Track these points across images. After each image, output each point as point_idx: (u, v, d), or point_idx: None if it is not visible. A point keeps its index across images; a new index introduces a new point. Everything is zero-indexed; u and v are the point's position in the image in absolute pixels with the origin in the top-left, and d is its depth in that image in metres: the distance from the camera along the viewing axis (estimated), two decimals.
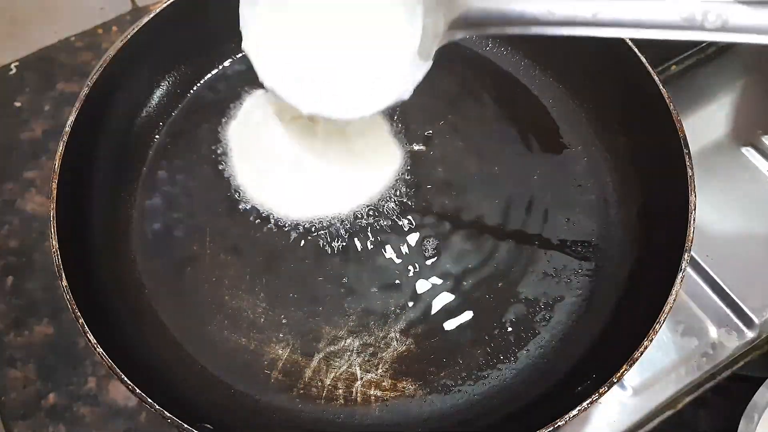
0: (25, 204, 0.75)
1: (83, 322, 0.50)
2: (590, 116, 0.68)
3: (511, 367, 0.58)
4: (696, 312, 0.66)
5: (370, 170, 0.66)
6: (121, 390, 0.65)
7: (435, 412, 0.56)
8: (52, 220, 0.54)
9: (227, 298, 0.60)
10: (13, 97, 0.82)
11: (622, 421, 0.62)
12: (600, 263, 0.62)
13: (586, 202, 0.65)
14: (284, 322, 0.59)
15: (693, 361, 0.64)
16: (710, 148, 0.74)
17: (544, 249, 0.62)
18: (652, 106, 0.60)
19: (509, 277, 0.61)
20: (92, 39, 0.86)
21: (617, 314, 0.58)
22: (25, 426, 0.65)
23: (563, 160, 0.67)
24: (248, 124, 0.68)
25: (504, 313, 0.60)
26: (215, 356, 0.58)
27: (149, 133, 0.68)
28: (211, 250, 0.63)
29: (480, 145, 0.68)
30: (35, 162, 0.78)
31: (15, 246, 0.73)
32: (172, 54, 0.69)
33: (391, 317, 0.60)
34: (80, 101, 0.59)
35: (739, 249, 0.68)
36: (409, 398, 0.57)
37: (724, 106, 0.77)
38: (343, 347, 0.59)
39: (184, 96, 0.70)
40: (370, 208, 0.64)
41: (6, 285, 0.71)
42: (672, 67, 0.74)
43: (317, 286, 0.61)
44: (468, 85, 0.71)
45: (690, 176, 0.56)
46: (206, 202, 0.65)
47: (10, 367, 0.67)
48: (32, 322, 0.69)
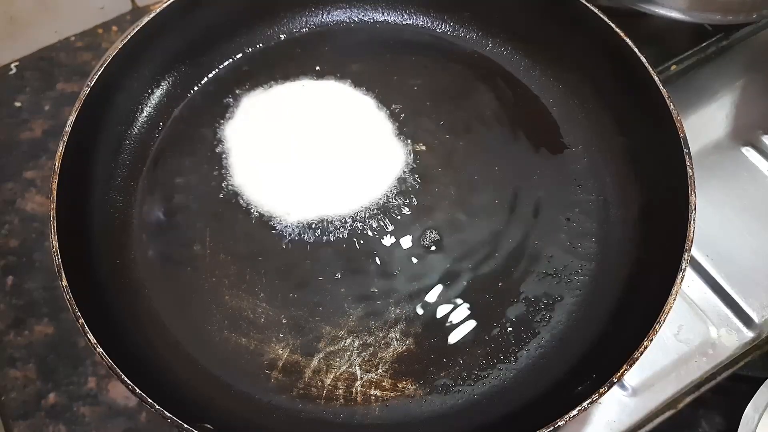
0: (25, 204, 0.75)
1: (83, 322, 0.50)
2: (590, 116, 0.68)
3: (511, 367, 0.58)
4: (696, 312, 0.66)
5: (371, 170, 0.66)
6: (121, 390, 0.65)
7: (435, 412, 0.56)
8: (52, 220, 0.54)
9: (227, 298, 0.60)
10: (13, 97, 0.82)
11: (622, 421, 0.62)
12: (600, 263, 0.62)
13: (586, 202, 0.65)
14: (284, 322, 0.59)
15: (693, 361, 0.64)
16: (710, 148, 0.74)
17: (544, 249, 0.62)
18: (652, 106, 0.60)
19: (509, 277, 0.61)
20: (92, 39, 0.86)
21: (617, 314, 0.58)
22: (25, 426, 0.65)
23: (563, 160, 0.67)
24: (248, 124, 0.68)
25: (504, 313, 0.60)
26: (215, 356, 0.58)
27: (149, 133, 0.68)
28: (211, 250, 0.63)
29: (480, 145, 0.68)
30: (35, 162, 0.78)
31: (15, 246, 0.73)
32: (172, 54, 0.68)
33: (391, 317, 0.60)
34: (80, 101, 0.59)
35: (739, 249, 0.68)
36: (409, 398, 0.57)
37: (724, 106, 0.77)
38: (343, 347, 0.59)
39: (184, 96, 0.70)
40: (371, 208, 0.64)
41: (6, 285, 0.71)
42: (672, 67, 0.74)
43: (317, 286, 0.61)
44: (468, 85, 0.71)
45: (690, 176, 0.56)
46: (206, 202, 0.65)
47: (10, 367, 0.67)
48: (32, 322, 0.69)
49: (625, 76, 0.63)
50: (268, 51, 0.72)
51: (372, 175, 0.66)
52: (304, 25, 0.74)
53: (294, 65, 0.71)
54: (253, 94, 0.70)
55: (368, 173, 0.66)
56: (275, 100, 0.69)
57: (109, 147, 0.65)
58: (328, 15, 0.75)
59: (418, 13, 0.74)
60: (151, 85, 0.68)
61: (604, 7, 0.65)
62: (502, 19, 0.72)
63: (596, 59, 0.66)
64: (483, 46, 0.73)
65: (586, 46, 0.66)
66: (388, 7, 0.74)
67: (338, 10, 0.75)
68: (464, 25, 0.73)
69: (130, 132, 0.67)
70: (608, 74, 0.65)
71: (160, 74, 0.69)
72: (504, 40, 0.72)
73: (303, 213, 0.64)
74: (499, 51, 0.73)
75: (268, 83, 0.70)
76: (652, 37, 0.77)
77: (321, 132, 0.68)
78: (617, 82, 0.65)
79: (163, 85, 0.69)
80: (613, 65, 0.64)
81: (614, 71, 0.64)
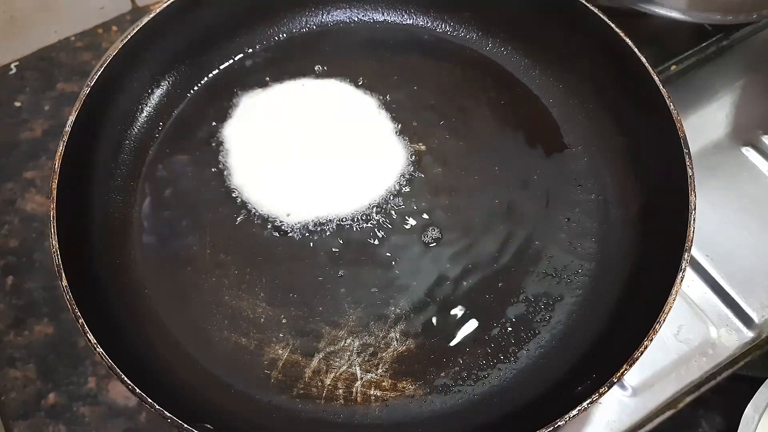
0: (25, 204, 0.75)
1: (83, 322, 0.50)
2: (590, 116, 0.68)
3: (511, 367, 0.58)
4: (696, 312, 0.66)
5: (371, 170, 0.66)
6: (121, 390, 0.65)
7: (435, 412, 0.56)
8: (52, 220, 0.54)
9: (227, 298, 0.60)
10: (13, 97, 0.82)
11: (622, 421, 0.62)
12: (600, 263, 0.62)
13: (586, 202, 0.65)
14: (284, 322, 0.59)
15: (693, 361, 0.64)
16: (710, 148, 0.74)
17: (544, 249, 0.62)
18: (652, 106, 0.60)
19: (509, 277, 0.61)
20: (92, 39, 0.86)
21: (617, 314, 0.58)
22: (25, 426, 0.65)
23: (563, 160, 0.67)
24: (248, 123, 0.68)
25: (504, 313, 0.60)
26: (215, 356, 0.58)
27: (149, 133, 0.68)
28: (211, 250, 0.63)
29: (480, 145, 0.68)
30: (35, 162, 0.78)
31: (15, 246, 0.73)
32: (172, 54, 0.69)
33: (391, 317, 0.60)
34: (80, 101, 0.59)
35: (739, 249, 0.68)
36: (409, 398, 0.57)
37: (724, 106, 0.77)
38: (343, 347, 0.59)
39: (184, 96, 0.70)
40: (371, 208, 0.64)
41: (6, 285, 0.71)
42: (672, 67, 0.74)
43: (317, 286, 0.61)
44: (468, 85, 0.71)
45: (690, 176, 0.56)
46: (206, 202, 0.65)
47: (10, 367, 0.67)
48: (32, 322, 0.69)
49: (625, 76, 0.63)
50: (268, 51, 0.72)
51: (372, 175, 0.66)
52: (304, 25, 0.74)
53: (294, 65, 0.71)
54: (253, 93, 0.70)
55: (368, 173, 0.66)
56: (275, 100, 0.69)
57: (109, 147, 0.65)
58: (328, 15, 0.75)
59: (418, 13, 0.74)
60: (151, 85, 0.69)
61: (604, 7, 0.65)
62: (502, 19, 0.72)
63: (596, 59, 0.66)
64: (483, 46, 0.73)
65: (586, 46, 0.66)
66: (388, 7, 0.74)
67: (338, 10, 0.75)
68: (464, 25, 0.73)
69: (130, 132, 0.67)
70: (608, 74, 0.65)
71: (160, 74, 0.69)
72: (504, 40, 0.72)
73: (303, 213, 0.64)
74: (499, 51, 0.73)
75: (268, 83, 0.70)
76: (652, 37, 0.77)
77: (321, 132, 0.68)
78: (617, 82, 0.65)
79: (163, 85, 0.69)
80: (613, 65, 0.64)
81: (614, 71, 0.64)
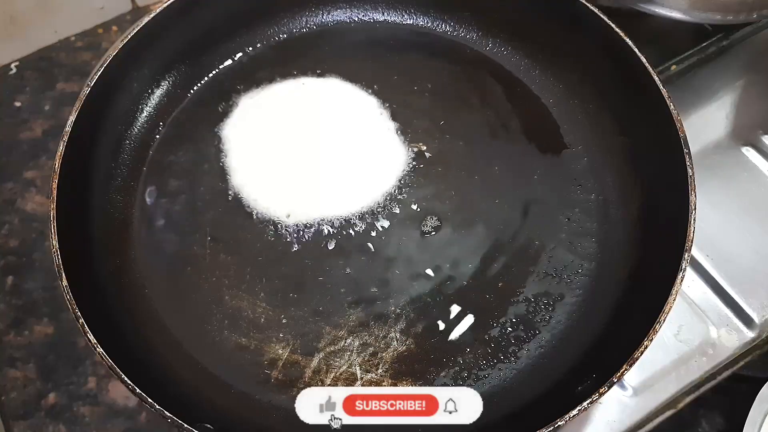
0: (25, 204, 0.75)
1: (83, 322, 0.50)
2: (590, 116, 0.68)
3: (511, 367, 0.58)
4: (696, 312, 0.66)
5: (371, 170, 0.66)
6: (121, 390, 0.65)
7: None
8: (52, 220, 0.54)
9: (227, 298, 0.60)
10: (13, 97, 0.82)
11: (622, 421, 0.62)
12: (600, 263, 0.62)
13: (586, 202, 0.65)
14: (284, 322, 0.59)
15: (693, 361, 0.64)
16: (710, 148, 0.74)
17: (544, 249, 0.62)
18: (652, 106, 0.60)
19: (509, 277, 0.61)
20: (92, 39, 0.86)
21: (617, 314, 0.58)
22: (25, 426, 0.65)
23: (563, 160, 0.67)
24: (248, 123, 0.68)
25: (504, 313, 0.60)
26: (215, 356, 0.58)
27: (149, 133, 0.68)
28: (211, 250, 0.62)
29: (480, 145, 0.68)
30: (35, 162, 0.78)
31: (15, 246, 0.73)
32: (172, 54, 0.68)
33: (391, 317, 0.60)
34: (80, 101, 0.59)
35: (739, 249, 0.68)
36: None
37: (724, 106, 0.77)
38: (343, 347, 0.59)
39: (184, 96, 0.70)
40: (371, 208, 0.64)
41: (6, 285, 0.71)
42: (672, 67, 0.74)
43: (317, 286, 0.61)
44: (468, 84, 0.71)
45: (690, 176, 0.56)
46: (206, 201, 0.65)
47: (10, 367, 0.67)
48: (32, 322, 0.69)
49: (625, 76, 0.63)
50: (268, 51, 0.72)
51: (372, 175, 0.66)
52: (304, 25, 0.74)
53: (294, 65, 0.71)
54: (253, 93, 0.70)
55: (368, 173, 0.66)
56: (275, 100, 0.69)
57: (109, 147, 0.65)
58: (328, 15, 0.75)
59: (418, 13, 0.74)
60: (151, 85, 0.68)
61: (604, 7, 0.65)
62: (502, 19, 0.72)
63: (596, 59, 0.66)
64: (483, 46, 0.73)
65: (586, 46, 0.66)
66: (388, 7, 0.74)
67: (338, 10, 0.75)
68: (464, 25, 0.73)
69: (130, 132, 0.67)
70: (608, 74, 0.65)
71: (160, 74, 0.69)
72: (504, 40, 0.72)
73: (303, 213, 0.64)
74: (499, 51, 0.73)
75: (268, 83, 0.70)
76: (652, 37, 0.77)
77: (321, 132, 0.68)
78: (617, 82, 0.65)
79: (163, 85, 0.69)
80: (613, 65, 0.64)
81: (614, 71, 0.64)
